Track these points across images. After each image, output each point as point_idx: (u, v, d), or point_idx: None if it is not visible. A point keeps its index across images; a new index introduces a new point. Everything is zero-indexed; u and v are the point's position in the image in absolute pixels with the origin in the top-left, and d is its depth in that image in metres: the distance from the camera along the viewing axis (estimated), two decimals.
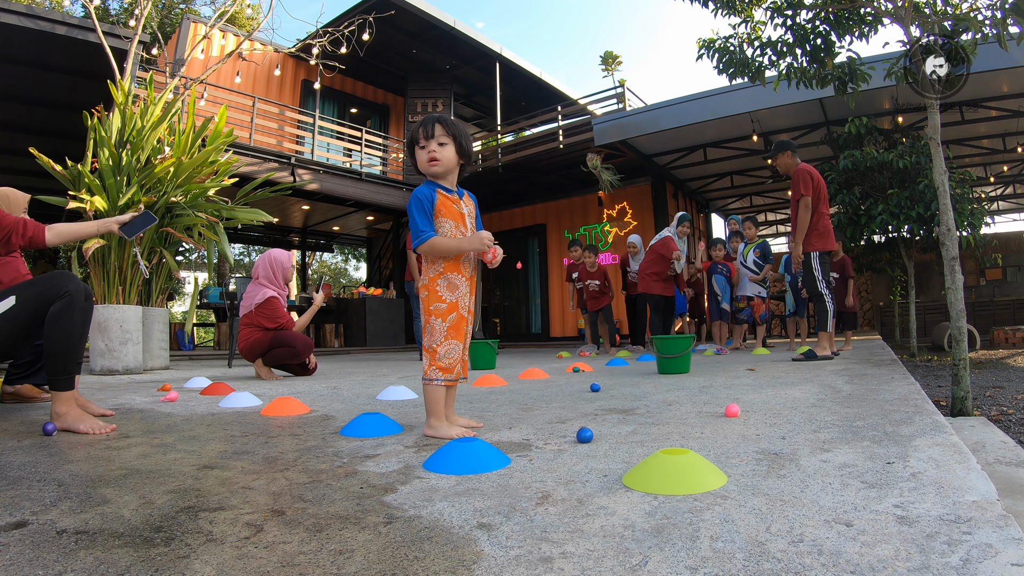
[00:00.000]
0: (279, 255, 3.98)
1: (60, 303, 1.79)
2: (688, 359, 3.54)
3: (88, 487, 1.17)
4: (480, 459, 1.27)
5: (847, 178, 6.91)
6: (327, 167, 9.81)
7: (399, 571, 0.76)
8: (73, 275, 1.86)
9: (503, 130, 11.71)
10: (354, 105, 12.13)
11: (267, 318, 3.78)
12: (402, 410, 2.21)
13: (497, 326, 12.84)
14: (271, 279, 3.89)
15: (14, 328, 1.78)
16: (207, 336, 16.95)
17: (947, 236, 2.63)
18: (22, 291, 1.78)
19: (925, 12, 2.89)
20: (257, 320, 3.79)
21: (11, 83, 6.78)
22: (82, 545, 0.86)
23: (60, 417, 1.82)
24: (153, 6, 10.10)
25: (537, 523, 0.92)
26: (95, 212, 4.36)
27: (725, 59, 3.89)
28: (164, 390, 3.07)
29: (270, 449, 1.53)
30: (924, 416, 1.70)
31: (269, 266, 3.91)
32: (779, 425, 1.66)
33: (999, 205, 12.75)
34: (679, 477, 1.07)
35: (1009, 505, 1.10)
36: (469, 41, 10.60)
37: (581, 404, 2.23)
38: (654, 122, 8.40)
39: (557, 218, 11.82)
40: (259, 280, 3.89)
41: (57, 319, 1.79)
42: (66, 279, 1.82)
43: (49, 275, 1.84)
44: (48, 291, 1.79)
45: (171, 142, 4.93)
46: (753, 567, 0.74)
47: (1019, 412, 2.78)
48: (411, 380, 3.57)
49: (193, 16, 10.00)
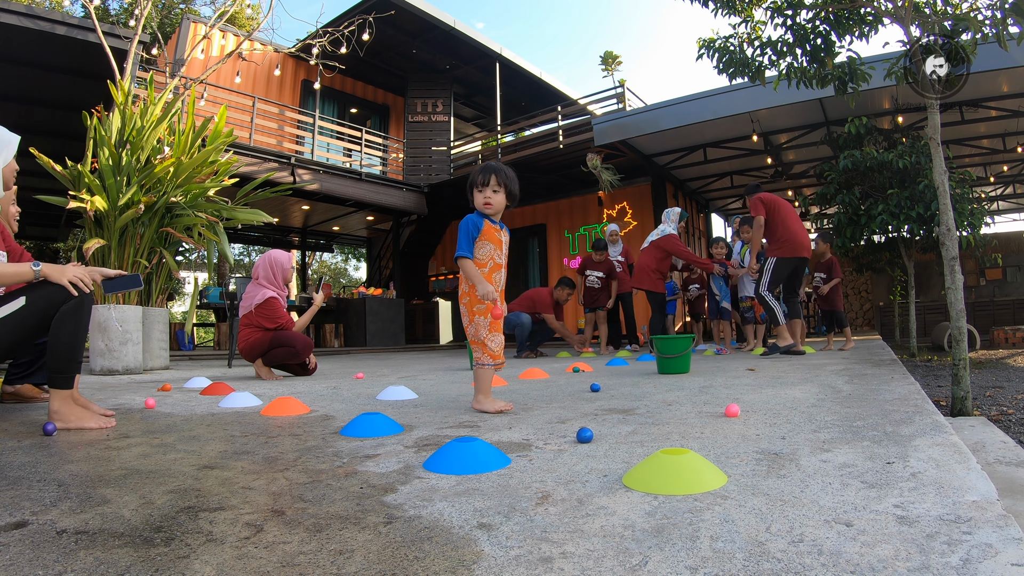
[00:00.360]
0: (279, 256, 3.98)
1: (70, 305, 1.83)
2: (688, 359, 3.54)
3: (88, 487, 1.17)
4: (480, 459, 1.27)
5: (847, 178, 6.90)
6: (327, 167, 9.82)
7: (399, 571, 0.76)
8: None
9: (503, 130, 11.71)
10: (354, 105, 12.13)
11: (267, 318, 3.79)
12: (402, 410, 2.21)
13: None
14: (271, 279, 3.89)
15: (22, 328, 1.80)
16: (207, 336, 16.95)
17: (947, 236, 2.63)
18: (32, 292, 1.81)
19: (925, 12, 2.89)
20: (257, 320, 3.79)
21: (11, 83, 6.78)
22: (82, 545, 0.86)
23: (57, 414, 1.84)
24: (153, 6, 10.11)
25: (537, 523, 0.92)
26: (95, 212, 4.36)
27: (725, 59, 3.89)
28: (164, 390, 3.08)
29: (270, 449, 1.53)
30: (924, 416, 1.70)
31: (269, 267, 3.91)
32: (779, 425, 1.66)
33: (999, 205, 12.75)
34: (679, 477, 1.07)
35: (1009, 505, 1.10)
36: (469, 41, 10.60)
37: (581, 404, 2.23)
38: (654, 122, 8.40)
39: (557, 218, 11.82)
40: (259, 280, 3.90)
41: (65, 320, 1.82)
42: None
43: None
44: (58, 293, 1.82)
45: (171, 142, 4.93)
46: (753, 567, 0.74)
47: (1019, 412, 2.78)
48: (411, 380, 3.57)
49: (193, 16, 10.01)
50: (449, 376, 3.89)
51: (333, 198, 10.20)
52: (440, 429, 1.78)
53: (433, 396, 2.69)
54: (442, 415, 2.07)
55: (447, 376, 3.89)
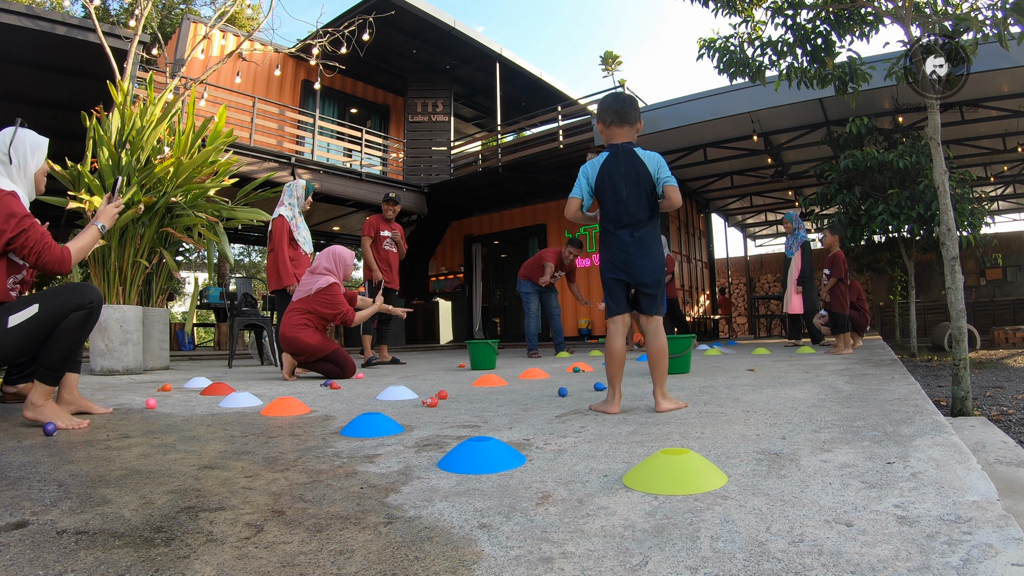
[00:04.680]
0: (342, 251, 3.93)
1: (81, 313, 1.87)
2: (688, 359, 3.54)
3: (88, 487, 1.17)
4: (495, 458, 1.27)
5: (847, 178, 6.90)
6: (327, 167, 9.82)
7: (399, 571, 0.76)
8: (94, 287, 1.94)
9: (503, 130, 11.71)
10: (354, 105, 12.13)
11: (327, 304, 3.70)
12: (402, 410, 2.21)
13: (497, 326, 12.83)
14: (332, 272, 3.84)
15: (35, 334, 1.83)
16: (207, 336, 16.94)
17: (947, 236, 2.63)
18: (45, 299, 1.84)
19: (925, 12, 2.89)
20: (314, 306, 3.69)
21: (11, 83, 6.78)
22: (82, 545, 0.86)
23: (36, 407, 1.87)
24: (153, 6, 10.10)
25: (537, 523, 0.92)
26: (94, 212, 4.36)
27: (725, 59, 3.89)
28: (164, 390, 3.08)
29: (270, 449, 1.53)
30: (924, 416, 1.70)
31: (333, 260, 3.86)
32: (779, 425, 1.65)
33: (999, 205, 12.74)
34: (679, 477, 1.07)
35: (1009, 505, 1.10)
36: (469, 41, 10.60)
37: (582, 404, 2.23)
38: (654, 122, 8.39)
39: (557, 218, 11.81)
40: (319, 270, 3.84)
41: (74, 328, 1.86)
42: (89, 290, 1.91)
43: (70, 285, 1.91)
44: (71, 300, 1.86)
45: (171, 142, 4.93)
46: (753, 567, 0.73)
47: (1019, 412, 2.77)
48: (411, 380, 3.57)
49: (193, 16, 10.01)
50: (449, 376, 3.88)
51: (333, 198, 10.20)
52: (441, 429, 1.78)
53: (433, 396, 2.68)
54: (442, 415, 2.07)
55: (447, 376, 3.89)
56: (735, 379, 3.01)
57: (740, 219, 14.88)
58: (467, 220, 12.57)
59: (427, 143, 11.68)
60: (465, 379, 3.57)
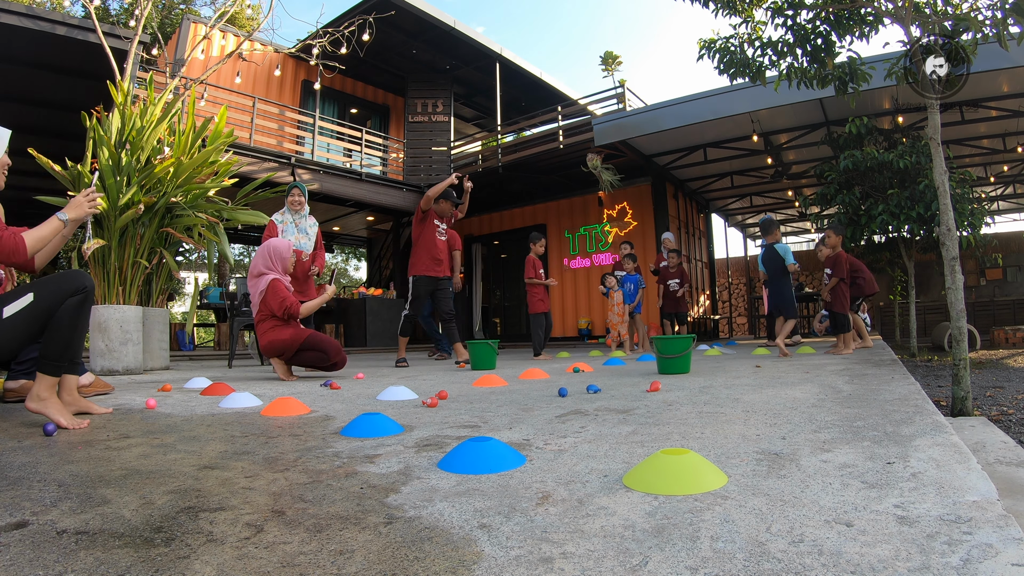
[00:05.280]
0: (277, 244, 3.86)
1: (78, 298, 1.87)
2: (688, 359, 3.54)
3: (88, 487, 1.17)
4: (495, 458, 1.26)
5: (847, 178, 6.91)
6: (327, 167, 9.81)
7: (399, 571, 0.76)
8: (85, 272, 1.94)
9: (503, 130, 11.71)
10: (354, 105, 12.13)
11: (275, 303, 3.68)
12: (402, 410, 2.21)
13: (497, 326, 12.84)
14: (270, 268, 3.81)
15: (32, 324, 1.83)
16: (207, 336, 16.94)
17: (947, 236, 2.63)
18: (39, 288, 1.84)
19: (925, 12, 2.89)
20: (268, 308, 3.69)
21: (11, 83, 6.78)
22: (82, 545, 0.86)
23: (40, 400, 1.86)
24: (153, 6, 10.09)
25: (537, 523, 0.92)
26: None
27: (726, 59, 3.89)
28: (164, 391, 3.08)
29: (270, 449, 1.53)
30: (924, 416, 1.70)
31: (268, 256, 3.81)
32: (779, 425, 1.65)
33: (999, 205, 12.74)
34: (679, 477, 1.07)
35: (1009, 505, 1.10)
36: (469, 41, 10.59)
37: (582, 404, 2.23)
38: (654, 122, 8.39)
39: (557, 218, 11.81)
40: (256, 272, 3.81)
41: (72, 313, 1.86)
42: (81, 275, 1.91)
43: (62, 273, 1.90)
44: (66, 286, 1.85)
45: (171, 142, 4.93)
46: (753, 567, 0.73)
47: (1019, 412, 2.77)
48: (411, 380, 3.57)
49: (193, 16, 10.01)
50: (449, 376, 3.88)
51: (333, 198, 10.20)
52: (441, 429, 1.78)
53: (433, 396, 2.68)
54: (442, 415, 2.07)
55: (447, 376, 3.89)
56: (735, 379, 3.01)
57: (740, 219, 14.88)
58: (467, 220, 12.56)
59: (427, 143, 11.68)
60: (465, 379, 3.57)
